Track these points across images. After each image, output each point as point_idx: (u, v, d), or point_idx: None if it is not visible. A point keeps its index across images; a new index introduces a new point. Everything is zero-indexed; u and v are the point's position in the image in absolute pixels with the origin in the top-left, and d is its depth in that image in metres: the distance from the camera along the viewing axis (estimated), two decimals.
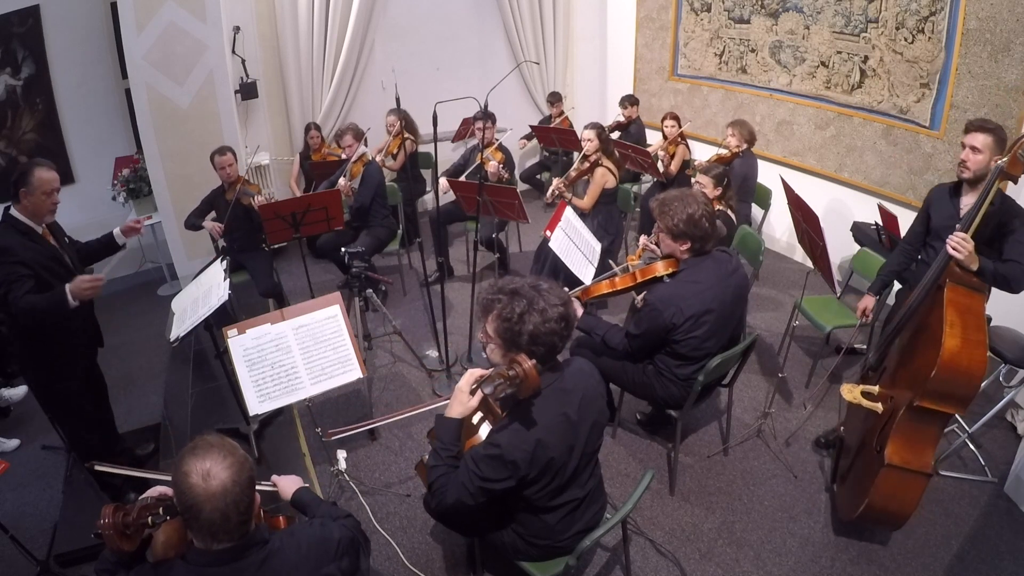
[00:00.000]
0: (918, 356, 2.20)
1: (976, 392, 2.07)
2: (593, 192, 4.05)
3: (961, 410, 2.12)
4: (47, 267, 2.41)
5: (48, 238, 2.50)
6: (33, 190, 2.36)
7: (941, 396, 2.08)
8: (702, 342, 2.44)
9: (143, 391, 3.69)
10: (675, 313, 2.36)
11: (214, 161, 3.82)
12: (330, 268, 4.78)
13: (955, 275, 2.17)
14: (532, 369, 1.56)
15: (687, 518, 2.64)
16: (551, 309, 1.67)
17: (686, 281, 2.44)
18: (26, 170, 2.37)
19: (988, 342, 2.06)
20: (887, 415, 2.27)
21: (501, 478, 1.68)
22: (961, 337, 2.04)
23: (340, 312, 2.57)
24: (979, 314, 2.11)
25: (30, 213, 2.41)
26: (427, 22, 5.78)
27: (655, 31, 5.82)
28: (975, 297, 2.14)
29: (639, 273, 2.63)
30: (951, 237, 2.19)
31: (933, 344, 2.08)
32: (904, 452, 2.16)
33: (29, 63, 4.58)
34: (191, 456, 1.26)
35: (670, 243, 2.47)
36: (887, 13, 3.85)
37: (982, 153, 2.38)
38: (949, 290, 2.13)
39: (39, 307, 2.32)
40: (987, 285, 2.21)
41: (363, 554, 1.56)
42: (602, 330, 2.64)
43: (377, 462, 3.00)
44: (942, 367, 2.03)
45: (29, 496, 2.94)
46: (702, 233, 2.39)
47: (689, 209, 2.37)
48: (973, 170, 2.40)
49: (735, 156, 4.21)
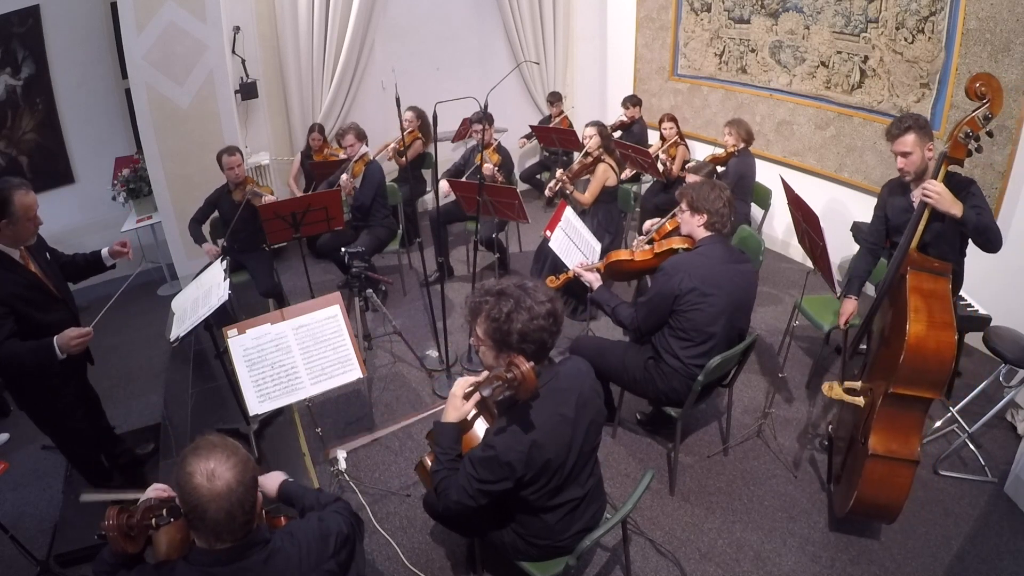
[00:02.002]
0: (890, 346, 2.23)
1: (948, 373, 2.10)
2: (594, 188, 4.06)
3: (937, 393, 2.14)
4: (25, 297, 2.23)
5: (27, 262, 2.31)
6: (17, 219, 2.17)
7: (913, 380, 2.11)
8: (708, 322, 2.46)
9: (143, 391, 3.69)
10: (683, 279, 2.45)
11: (222, 161, 3.82)
12: (330, 268, 4.78)
13: (915, 262, 2.22)
14: (530, 371, 1.57)
15: (687, 518, 2.64)
16: (538, 306, 1.69)
17: (698, 254, 2.56)
18: (3, 199, 2.13)
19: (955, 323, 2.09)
20: (869, 407, 2.29)
21: (497, 479, 1.69)
22: (926, 322, 2.08)
23: (340, 312, 2.58)
24: (944, 297, 2.14)
25: (9, 240, 2.22)
26: (427, 22, 5.79)
27: (655, 31, 5.82)
28: (939, 281, 2.18)
29: (657, 245, 2.82)
30: (923, 187, 2.24)
31: (901, 332, 2.11)
32: (888, 441, 2.18)
33: (29, 63, 4.58)
34: (194, 456, 1.26)
35: (688, 218, 2.62)
36: (887, 13, 3.85)
37: (913, 152, 2.46)
38: (911, 277, 2.18)
39: (24, 359, 2.17)
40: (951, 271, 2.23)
41: (358, 540, 1.56)
42: (614, 302, 2.73)
43: (377, 462, 3.00)
44: (909, 351, 2.07)
45: (29, 496, 2.94)
46: (719, 208, 2.53)
47: (708, 188, 2.57)
48: (912, 171, 2.49)
49: (731, 155, 4.22)
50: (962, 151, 2.21)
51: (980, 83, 2.21)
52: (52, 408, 2.45)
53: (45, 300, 2.34)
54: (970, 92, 2.24)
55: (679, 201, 2.66)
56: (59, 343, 2.16)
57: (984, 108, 2.18)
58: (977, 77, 2.22)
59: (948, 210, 2.22)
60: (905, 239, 2.32)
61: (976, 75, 2.23)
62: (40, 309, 2.29)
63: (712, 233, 2.57)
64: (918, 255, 2.27)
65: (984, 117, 2.18)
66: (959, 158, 2.23)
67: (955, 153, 2.22)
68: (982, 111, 2.18)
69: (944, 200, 2.21)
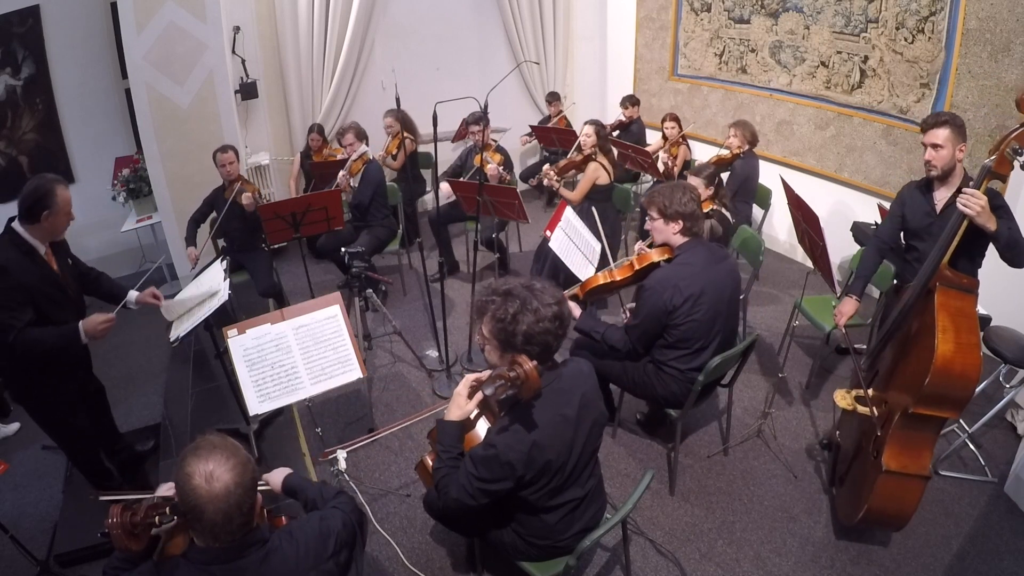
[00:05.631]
0: (911, 362, 2.17)
1: (972, 395, 2.06)
2: (583, 186, 4.05)
3: (956, 413, 2.10)
4: (44, 292, 2.27)
5: (51, 260, 2.36)
6: (57, 211, 2.24)
7: (936, 402, 2.06)
8: (703, 330, 2.44)
9: (143, 391, 3.69)
10: (673, 293, 2.39)
11: (216, 159, 3.83)
12: (330, 268, 4.78)
13: (945, 278, 2.14)
14: (533, 371, 1.57)
15: (687, 518, 2.64)
16: (544, 308, 1.69)
17: (681, 264, 2.48)
18: (48, 190, 2.21)
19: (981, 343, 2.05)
20: (882, 420, 2.25)
21: (498, 479, 1.69)
22: (954, 342, 2.01)
23: (340, 312, 2.58)
24: (971, 316, 2.08)
25: (44, 233, 2.28)
26: (427, 22, 5.78)
27: (655, 31, 5.82)
28: (966, 299, 2.11)
29: (636, 261, 2.65)
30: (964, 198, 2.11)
31: (926, 350, 2.05)
32: (902, 457, 2.15)
33: (29, 63, 4.58)
34: (194, 457, 1.25)
35: (662, 227, 2.50)
36: (887, 13, 3.85)
37: (944, 148, 2.37)
38: (940, 294, 2.10)
39: (47, 342, 2.21)
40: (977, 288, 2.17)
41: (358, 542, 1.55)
42: (601, 329, 2.63)
43: (377, 462, 3.00)
44: (936, 373, 2.01)
45: (29, 496, 2.94)
46: (691, 211, 2.44)
47: (675, 192, 2.45)
48: (940, 166, 2.40)
49: (736, 157, 4.21)
50: (1007, 167, 2.07)
51: None
52: (53, 405, 2.46)
53: (61, 299, 2.37)
54: (1021, 105, 2.08)
55: (647, 209, 2.53)
56: (85, 328, 2.23)
57: None
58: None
59: (984, 224, 2.14)
60: (937, 252, 2.17)
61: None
62: (55, 305, 2.31)
63: (689, 239, 2.49)
64: (950, 271, 2.16)
65: None
66: (1003, 174, 2.10)
67: (1000, 168, 2.08)
68: None
69: (984, 214, 2.12)
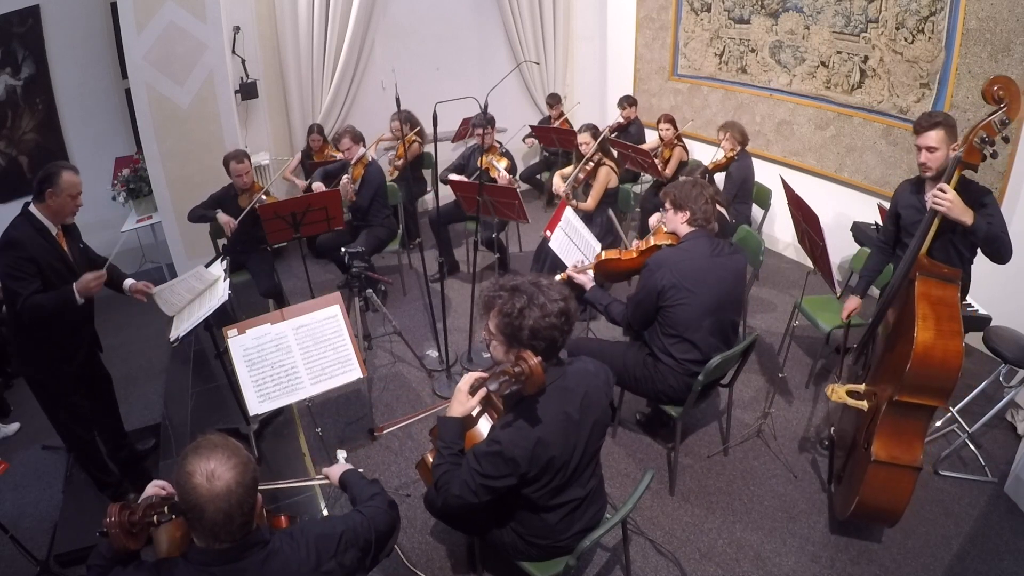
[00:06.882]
0: (896, 351, 2.20)
1: (955, 382, 2.06)
2: (596, 192, 4.06)
3: (942, 402, 2.11)
4: (53, 268, 2.44)
5: (61, 241, 2.52)
6: (60, 191, 2.40)
7: (919, 389, 2.09)
8: (692, 318, 2.47)
9: (143, 391, 3.69)
10: (664, 275, 2.48)
11: (229, 168, 3.78)
12: (330, 268, 4.78)
13: (924, 267, 2.18)
14: (538, 366, 1.57)
15: (687, 518, 2.64)
16: (551, 304, 1.69)
17: (681, 249, 2.59)
18: (54, 171, 2.40)
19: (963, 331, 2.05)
20: (872, 412, 2.28)
21: (502, 475, 1.69)
22: (934, 329, 2.05)
23: (340, 312, 2.58)
24: (952, 304, 2.10)
25: (51, 213, 2.44)
26: (427, 22, 5.79)
27: (655, 31, 5.83)
28: (947, 288, 2.13)
29: (644, 242, 2.86)
30: (934, 194, 2.18)
31: (907, 338, 2.08)
32: (891, 447, 2.17)
33: (29, 63, 4.58)
34: (195, 456, 1.25)
35: (672, 216, 2.66)
36: (887, 13, 3.85)
37: (939, 149, 2.38)
38: (920, 283, 2.14)
39: (46, 307, 2.38)
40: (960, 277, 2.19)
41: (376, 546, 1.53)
42: (606, 301, 2.77)
43: (377, 462, 3.00)
44: (916, 360, 2.04)
45: (29, 496, 2.94)
46: (700, 204, 2.57)
47: (692, 186, 2.62)
48: (935, 168, 2.41)
49: (731, 160, 4.23)
50: (977, 156, 2.12)
51: (998, 86, 2.11)
52: (56, 379, 2.57)
53: (68, 276, 2.48)
54: (987, 95, 2.13)
55: (663, 200, 2.72)
56: (77, 288, 2.41)
57: (1001, 112, 2.09)
58: (996, 80, 2.12)
59: (959, 218, 2.17)
60: (915, 244, 2.27)
61: (994, 78, 2.13)
62: (62, 281, 2.44)
63: (695, 228, 2.60)
64: (927, 260, 2.22)
65: (1001, 122, 2.08)
66: (974, 163, 2.15)
67: (970, 158, 2.13)
68: (999, 115, 2.09)
69: (955, 208, 2.15)
